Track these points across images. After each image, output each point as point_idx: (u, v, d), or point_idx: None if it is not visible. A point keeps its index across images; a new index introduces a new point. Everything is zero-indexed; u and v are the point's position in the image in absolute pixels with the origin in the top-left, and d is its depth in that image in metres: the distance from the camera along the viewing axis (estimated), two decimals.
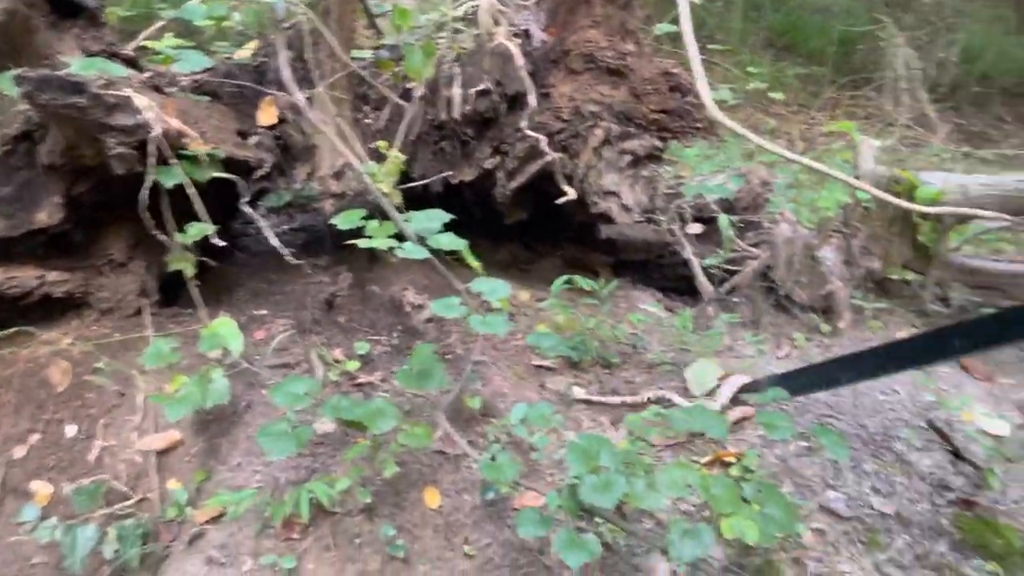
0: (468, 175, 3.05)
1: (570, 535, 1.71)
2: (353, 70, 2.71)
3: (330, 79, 2.56)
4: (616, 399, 2.63)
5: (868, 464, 2.39)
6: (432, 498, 2.23)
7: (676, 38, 3.01)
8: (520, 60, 2.70)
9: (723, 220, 3.16)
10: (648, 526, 2.15)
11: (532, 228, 3.66)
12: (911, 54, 5.97)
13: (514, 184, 3.01)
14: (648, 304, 3.58)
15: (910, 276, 3.08)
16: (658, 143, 2.88)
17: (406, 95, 2.89)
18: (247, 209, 2.64)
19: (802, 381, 2.40)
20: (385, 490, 2.22)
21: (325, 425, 2.46)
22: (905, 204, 2.67)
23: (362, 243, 2.07)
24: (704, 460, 2.38)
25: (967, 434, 2.47)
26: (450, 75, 2.78)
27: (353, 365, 2.72)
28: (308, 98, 2.48)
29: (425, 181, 2.87)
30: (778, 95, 6.06)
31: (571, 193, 2.79)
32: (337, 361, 2.75)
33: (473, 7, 3.04)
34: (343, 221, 2.19)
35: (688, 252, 3.51)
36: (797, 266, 2.96)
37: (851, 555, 2.13)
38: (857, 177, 2.97)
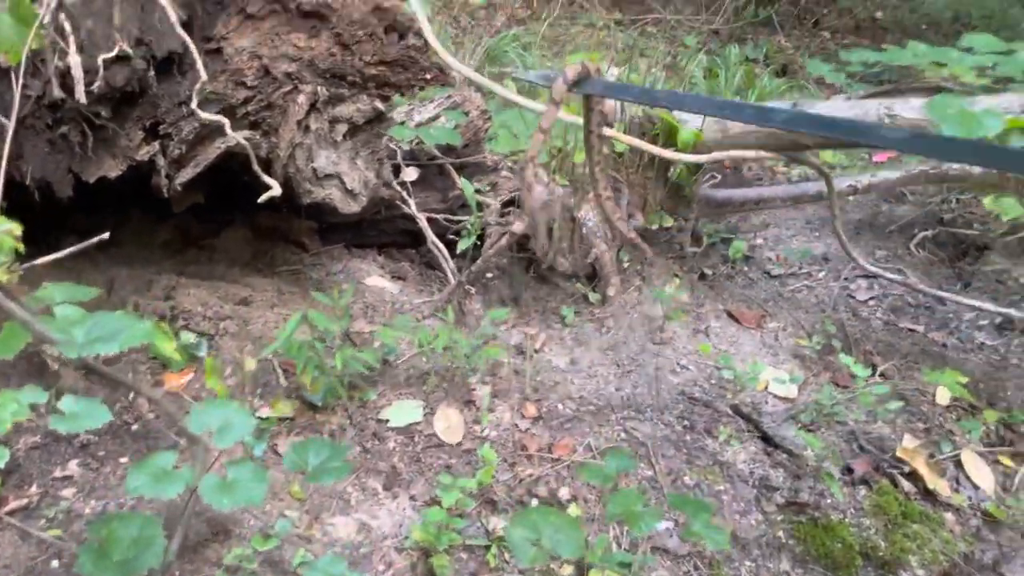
0: (113, 169, 2.22)
1: None
2: None
3: None
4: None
5: (688, 475, 2.18)
6: None
7: None
8: (170, 8, 1.91)
9: (467, 188, 2.69)
10: None
11: (209, 196, 2.88)
12: None
13: (184, 177, 2.26)
14: (375, 277, 3.08)
15: (669, 221, 2.89)
16: (380, 105, 2.29)
17: None
18: None
19: None
20: None
21: None
22: (674, 156, 2.40)
23: None
24: None
25: (773, 414, 2.36)
26: (60, 36, 1.90)
27: None
28: None
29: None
30: None
31: (275, 188, 2.14)
32: None
33: None
34: None
35: (413, 207, 3.04)
36: (558, 232, 2.61)
37: None
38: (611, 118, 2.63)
